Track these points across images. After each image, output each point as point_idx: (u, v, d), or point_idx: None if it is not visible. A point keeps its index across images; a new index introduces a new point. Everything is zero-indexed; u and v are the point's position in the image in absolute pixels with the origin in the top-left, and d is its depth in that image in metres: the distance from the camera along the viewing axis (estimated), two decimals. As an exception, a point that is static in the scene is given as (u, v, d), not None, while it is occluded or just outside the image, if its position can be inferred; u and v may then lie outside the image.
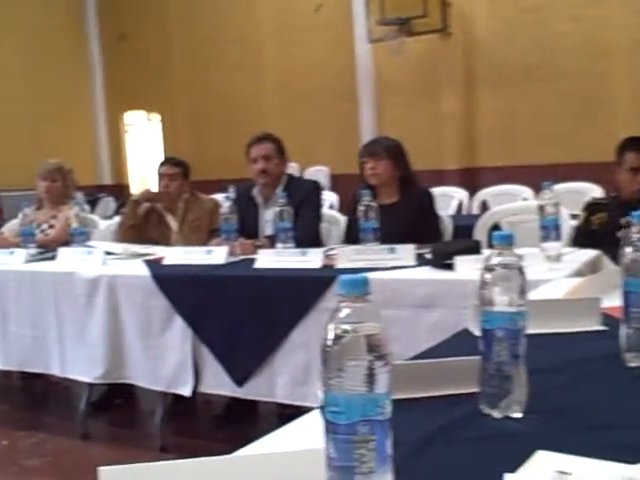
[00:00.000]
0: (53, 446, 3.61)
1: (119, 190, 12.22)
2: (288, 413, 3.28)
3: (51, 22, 12.34)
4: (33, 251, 4.00)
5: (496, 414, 1.16)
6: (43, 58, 12.06)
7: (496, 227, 4.03)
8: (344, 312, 0.84)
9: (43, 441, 3.67)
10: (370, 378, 0.82)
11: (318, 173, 9.35)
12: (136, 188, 12.51)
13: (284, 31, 10.94)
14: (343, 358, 0.81)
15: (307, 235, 3.67)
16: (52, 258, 3.84)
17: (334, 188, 8.33)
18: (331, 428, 0.83)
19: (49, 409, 4.32)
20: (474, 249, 2.83)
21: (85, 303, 3.46)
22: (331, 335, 0.83)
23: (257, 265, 3.19)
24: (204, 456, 0.91)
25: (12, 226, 4.85)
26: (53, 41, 12.31)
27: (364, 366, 0.81)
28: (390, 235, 3.27)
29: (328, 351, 0.82)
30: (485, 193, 6.41)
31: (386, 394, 0.83)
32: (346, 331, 0.82)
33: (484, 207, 6.09)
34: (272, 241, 3.61)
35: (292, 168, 6.28)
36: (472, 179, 8.44)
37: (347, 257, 3.04)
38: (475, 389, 1.20)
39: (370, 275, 0.87)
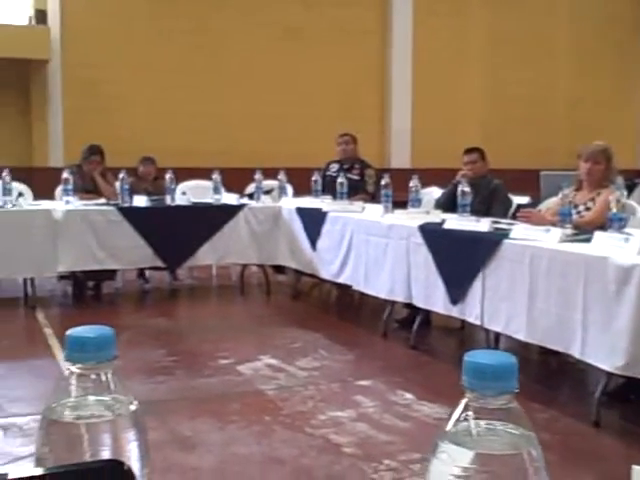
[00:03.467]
0: (562, 426, 3.63)
1: (658, 177, 11.63)
2: None
3: (610, 7, 12.22)
4: (568, 231, 4.03)
5: None
6: (595, 42, 12.01)
7: None
8: None
9: (554, 418, 3.71)
10: None
11: None
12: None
13: None
14: None
15: None
16: (586, 241, 3.82)
17: None
18: None
19: (563, 388, 4.35)
20: None
21: (615, 291, 3.38)
22: None
23: None
24: None
25: (549, 204, 4.96)
26: (610, 25, 12.17)
27: None
28: None
29: None
30: None
31: None
32: None
33: None
34: None
35: None
36: None
37: None
38: None
39: None
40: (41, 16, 9.75)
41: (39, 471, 0.58)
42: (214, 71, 10.24)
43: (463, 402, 0.63)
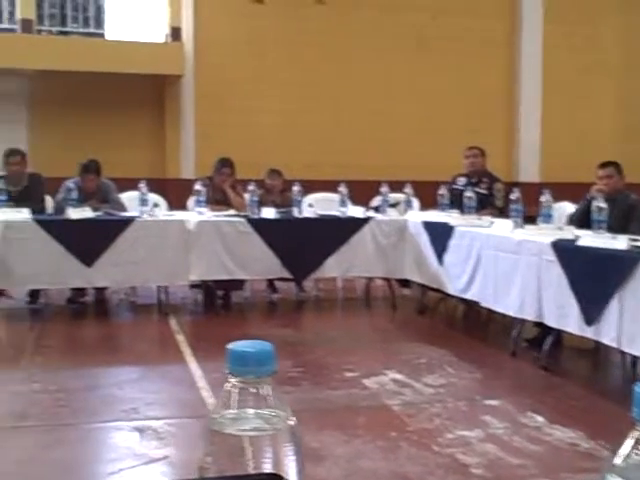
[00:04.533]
0: None
1: None
2: None
3: None
4: None
5: None
6: None
7: None
8: None
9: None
10: None
11: None
12: None
13: None
14: None
15: None
16: None
17: None
18: None
19: None
20: None
21: None
22: None
23: None
24: None
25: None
26: None
27: None
28: None
29: None
30: None
31: None
32: None
33: None
34: None
35: None
36: None
37: None
38: None
39: None
40: (176, 33, 10.16)
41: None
42: (341, 84, 10.34)
43: (634, 435, 0.60)
